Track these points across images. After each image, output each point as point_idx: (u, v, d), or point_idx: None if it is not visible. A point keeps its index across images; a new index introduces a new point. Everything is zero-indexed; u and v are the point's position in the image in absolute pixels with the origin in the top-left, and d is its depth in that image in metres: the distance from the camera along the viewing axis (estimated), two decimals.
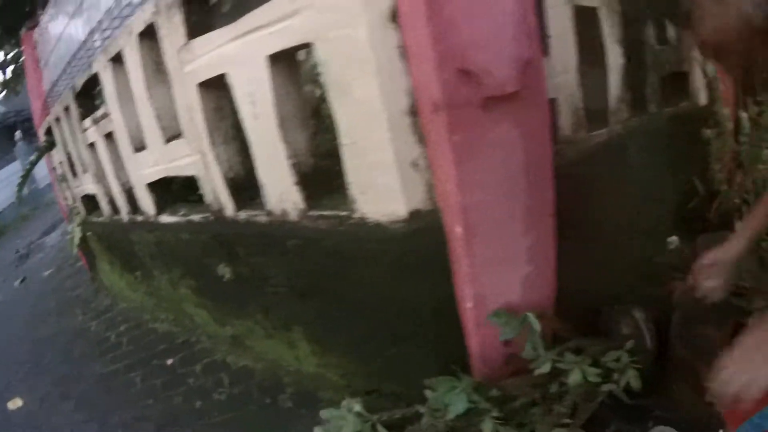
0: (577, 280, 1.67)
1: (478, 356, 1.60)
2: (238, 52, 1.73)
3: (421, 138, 1.45)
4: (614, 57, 2.10)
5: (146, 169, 2.71)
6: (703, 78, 2.42)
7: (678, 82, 2.46)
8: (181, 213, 2.65)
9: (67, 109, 3.56)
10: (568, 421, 1.46)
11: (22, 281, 5.97)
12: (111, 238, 3.82)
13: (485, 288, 1.52)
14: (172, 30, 2.00)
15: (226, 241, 2.28)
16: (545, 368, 1.51)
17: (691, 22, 0.86)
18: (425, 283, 1.52)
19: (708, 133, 2.39)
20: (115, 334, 3.54)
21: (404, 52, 1.42)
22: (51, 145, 4.27)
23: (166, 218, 2.82)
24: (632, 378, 1.54)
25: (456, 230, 1.46)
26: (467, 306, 1.53)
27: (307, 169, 1.77)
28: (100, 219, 3.87)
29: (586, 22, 1.97)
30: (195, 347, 2.94)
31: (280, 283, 2.04)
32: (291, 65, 1.72)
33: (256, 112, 1.77)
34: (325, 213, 1.71)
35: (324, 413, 1.64)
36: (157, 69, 2.31)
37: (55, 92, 3.86)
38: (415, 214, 1.49)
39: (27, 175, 4.63)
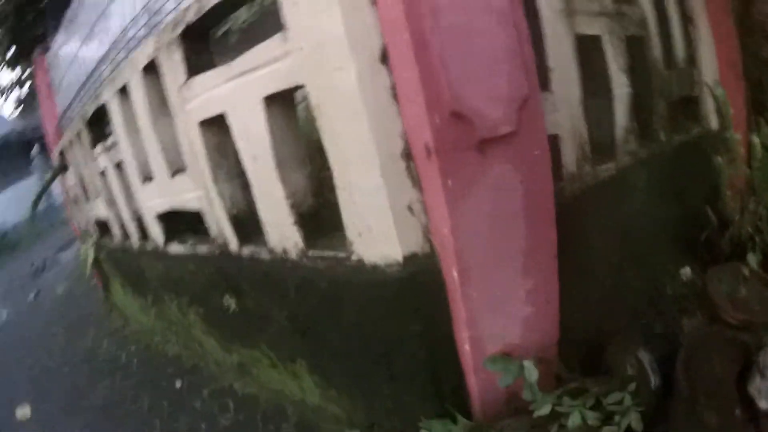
0: (583, 318, 1.65)
1: (478, 398, 1.57)
2: (235, 92, 1.74)
3: (416, 181, 1.44)
4: (620, 85, 2.05)
5: (154, 200, 2.73)
6: (713, 102, 2.36)
7: (688, 107, 2.40)
8: (189, 243, 2.66)
9: (79, 134, 3.62)
10: None
11: (36, 295, 6.08)
12: (122, 262, 3.86)
13: (483, 331, 1.50)
14: (172, 67, 2.01)
15: (230, 275, 2.29)
16: (544, 411, 1.48)
17: None
18: (422, 325, 1.50)
19: (719, 159, 2.32)
20: (125, 353, 3.58)
21: (395, 93, 1.41)
22: (64, 167, 4.34)
23: (174, 248, 2.84)
24: (634, 420, 1.50)
25: (452, 274, 1.44)
26: (465, 348, 1.51)
27: (306, 209, 1.77)
28: (112, 243, 3.92)
29: (588, 50, 1.93)
30: (203, 372, 2.95)
31: (282, 318, 2.04)
32: (287, 106, 1.71)
33: (254, 153, 1.77)
34: (324, 254, 1.70)
35: None
36: (161, 102, 2.32)
37: (68, 117, 3.94)
38: (411, 258, 1.47)
39: (40, 196, 4.71)
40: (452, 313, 1.50)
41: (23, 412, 3.24)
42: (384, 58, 1.39)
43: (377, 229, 1.48)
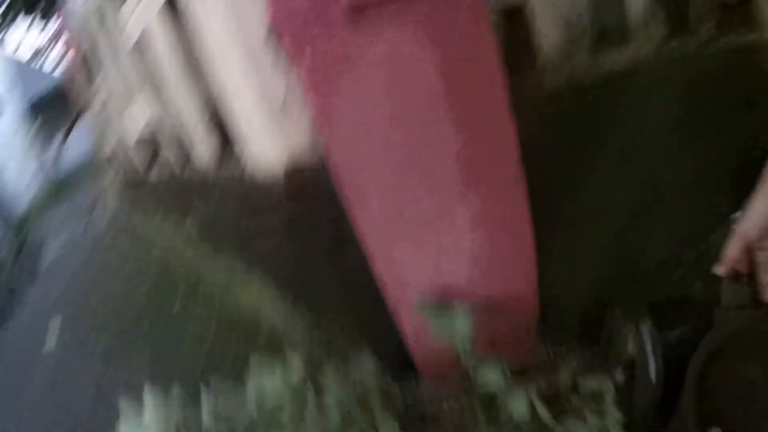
0: (585, 272, 1.33)
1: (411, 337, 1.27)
2: None
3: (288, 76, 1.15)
4: None
5: None
6: None
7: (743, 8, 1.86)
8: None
9: None
10: None
11: (83, 231, 6.38)
12: (141, 188, 3.89)
13: (397, 269, 1.16)
14: None
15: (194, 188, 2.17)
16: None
17: None
18: (317, 244, 1.28)
19: None
20: (141, 277, 3.63)
21: None
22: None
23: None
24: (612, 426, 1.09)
25: (347, 192, 1.09)
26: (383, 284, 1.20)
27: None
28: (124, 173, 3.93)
29: None
30: (200, 294, 2.91)
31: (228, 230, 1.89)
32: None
33: None
34: (230, 165, 1.50)
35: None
36: None
37: None
38: (292, 170, 1.23)
39: (68, 132, 4.80)
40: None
41: (54, 324, 3.40)
42: None
43: (256, 136, 1.24)
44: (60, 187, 11.52)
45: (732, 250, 0.91)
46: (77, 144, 11.65)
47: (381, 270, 1.15)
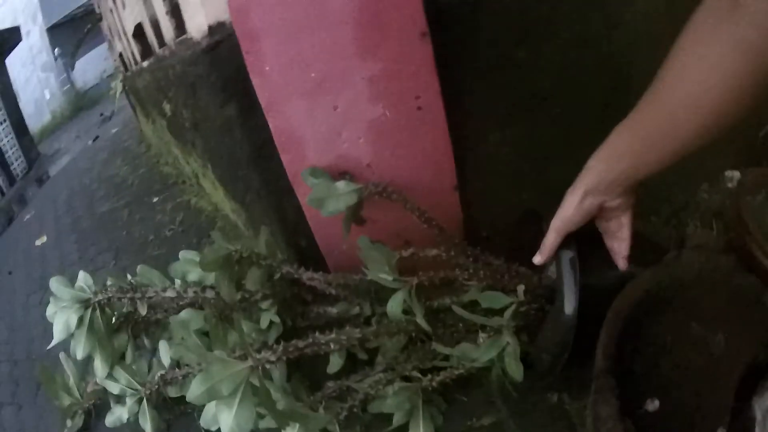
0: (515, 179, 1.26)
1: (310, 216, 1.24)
2: None
3: None
4: None
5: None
6: None
7: None
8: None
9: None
10: None
11: (94, 140, 6.57)
12: (135, 89, 3.95)
13: (296, 131, 1.11)
14: None
15: (161, 79, 2.22)
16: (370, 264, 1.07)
17: None
18: (236, 110, 1.20)
19: None
20: (133, 176, 3.80)
21: None
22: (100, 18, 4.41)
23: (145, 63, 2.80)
24: (509, 357, 0.98)
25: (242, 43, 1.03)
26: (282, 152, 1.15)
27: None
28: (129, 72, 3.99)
29: None
30: (178, 188, 3.05)
31: (188, 117, 1.96)
32: None
33: None
34: (184, 39, 1.52)
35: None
36: None
37: None
38: (217, 26, 1.14)
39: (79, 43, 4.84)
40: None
41: (41, 238, 3.61)
42: None
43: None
44: (77, 104, 11.70)
45: (550, 240, 0.87)
46: (96, 63, 11.72)
47: (277, 134, 1.12)
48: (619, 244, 0.89)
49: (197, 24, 1.25)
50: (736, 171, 1.39)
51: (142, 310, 1.18)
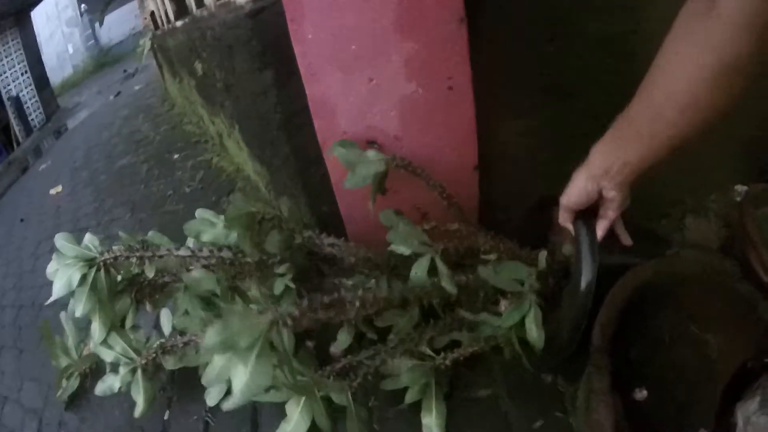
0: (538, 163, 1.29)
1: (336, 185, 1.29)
2: None
3: None
4: None
5: None
6: None
7: None
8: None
9: None
10: None
11: (116, 95, 6.63)
12: (164, 48, 4.00)
13: (329, 99, 1.16)
14: None
15: (195, 39, 2.27)
16: (394, 240, 1.08)
17: None
18: (273, 80, 1.26)
19: None
20: (154, 133, 3.86)
21: None
22: None
23: (179, 23, 2.85)
24: (531, 323, 1.00)
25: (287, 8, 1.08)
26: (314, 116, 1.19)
27: None
28: (159, 31, 4.03)
29: None
30: (200, 147, 3.11)
31: (219, 81, 2.01)
32: None
33: None
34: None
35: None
36: None
37: None
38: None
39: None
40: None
41: (56, 188, 3.68)
42: None
43: None
44: (101, 59, 11.75)
45: (560, 215, 0.95)
46: (123, 20, 11.72)
47: (313, 100, 1.18)
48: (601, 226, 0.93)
49: None
50: (746, 186, 1.44)
51: (150, 272, 1.11)
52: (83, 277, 1.05)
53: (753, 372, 0.78)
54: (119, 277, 1.14)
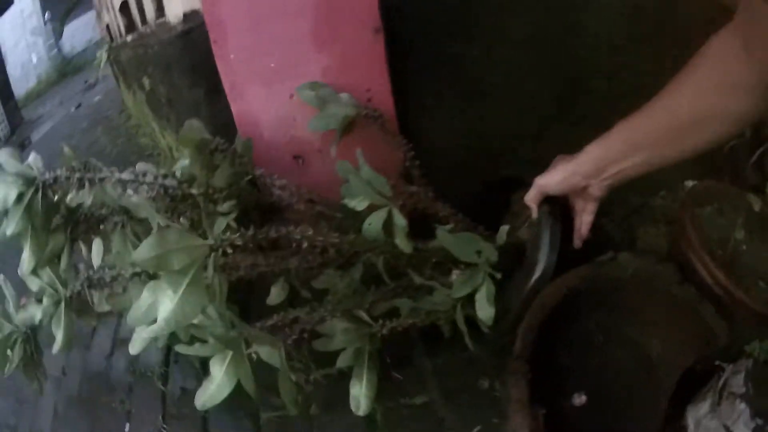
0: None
1: None
2: None
3: None
4: None
5: None
6: None
7: None
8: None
9: None
10: None
11: (77, 107, 6.55)
12: (119, 61, 3.97)
13: (254, 115, 1.19)
14: None
15: (142, 56, 2.28)
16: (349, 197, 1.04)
17: None
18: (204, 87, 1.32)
19: None
20: (112, 146, 3.85)
21: None
22: None
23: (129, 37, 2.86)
24: (483, 298, 0.96)
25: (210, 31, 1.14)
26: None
27: None
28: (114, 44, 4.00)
29: None
30: (153, 160, 3.11)
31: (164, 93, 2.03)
32: None
33: None
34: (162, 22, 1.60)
35: None
36: None
37: None
38: (191, 14, 1.29)
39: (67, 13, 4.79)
40: None
41: None
42: None
43: None
44: (63, 69, 11.52)
45: (532, 194, 0.94)
46: (85, 29, 11.51)
47: (237, 116, 1.22)
48: (581, 223, 0.95)
49: (174, 10, 1.34)
50: (696, 182, 1.36)
51: (88, 198, 1.02)
52: (20, 196, 0.96)
53: (702, 374, 0.76)
54: (56, 206, 1.04)
